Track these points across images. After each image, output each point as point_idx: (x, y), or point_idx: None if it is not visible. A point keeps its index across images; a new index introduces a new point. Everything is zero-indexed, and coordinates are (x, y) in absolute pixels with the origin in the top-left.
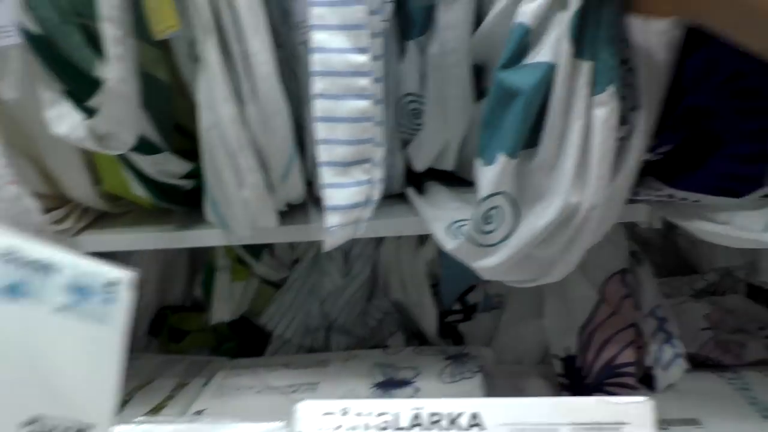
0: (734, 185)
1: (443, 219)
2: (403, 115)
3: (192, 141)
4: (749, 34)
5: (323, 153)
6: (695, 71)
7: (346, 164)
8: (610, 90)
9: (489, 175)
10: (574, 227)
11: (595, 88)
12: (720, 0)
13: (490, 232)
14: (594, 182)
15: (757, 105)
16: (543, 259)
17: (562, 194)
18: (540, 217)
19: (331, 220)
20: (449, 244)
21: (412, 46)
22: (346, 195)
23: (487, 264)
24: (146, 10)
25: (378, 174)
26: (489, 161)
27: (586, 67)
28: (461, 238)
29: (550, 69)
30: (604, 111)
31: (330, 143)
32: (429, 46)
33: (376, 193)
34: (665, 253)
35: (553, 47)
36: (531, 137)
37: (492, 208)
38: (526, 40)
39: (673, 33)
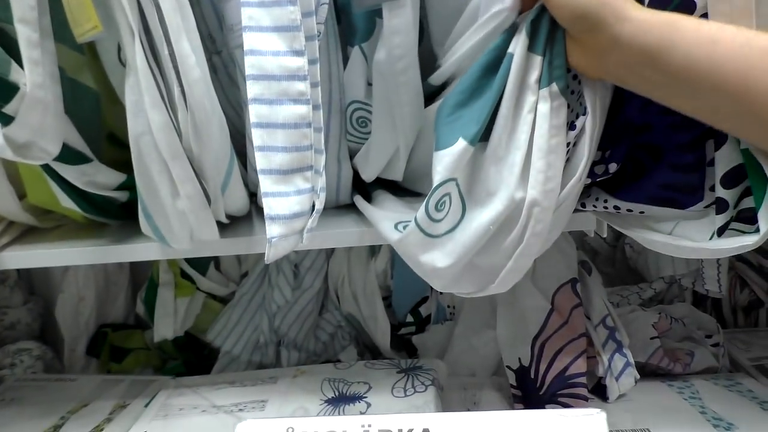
0: (677, 195)
1: (391, 218)
2: (349, 124)
3: (127, 151)
4: (668, 97)
5: (261, 161)
6: None
7: (286, 172)
8: (553, 87)
9: (446, 160)
10: (519, 228)
11: (541, 82)
12: (644, 71)
13: (440, 220)
14: (535, 176)
15: (684, 117)
16: (489, 267)
17: (509, 188)
18: (486, 212)
19: (272, 230)
20: (394, 236)
21: (356, 52)
22: (288, 204)
23: (431, 260)
24: (67, 12)
25: (320, 182)
26: (448, 144)
27: (537, 60)
28: (409, 227)
29: (510, 59)
30: (546, 106)
31: (268, 150)
32: (375, 52)
33: (320, 202)
34: (614, 263)
35: (516, 39)
36: (486, 130)
37: (444, 195)
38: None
39: None
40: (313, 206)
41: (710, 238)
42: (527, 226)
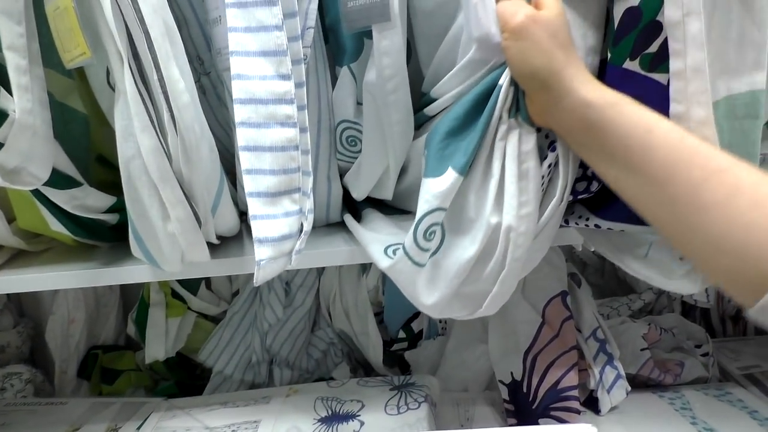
0: None
1: (380, 242)
2: (339, 143)
3: (116, 173)
4: (600, 167)
5: (249, 183)
6: None
7: (274, 194)
8: (519, 118)
9: (436, 189)
10: (499, 254)
11: (511, 111)
12: (582, 138)
13: (428, 250)
14: (508, 202)
15: None
16: (476, 293)
17: (485, 214)
18: (468, 240)
19: (261, 253)
20: (384, 262)
21: (344, 72)
22: (276, 226)
23: (420, 295)
24: (55, 38)
25: (308, 204)
26: (438, 173)
27: (511, 91)
28: (398, 255)
29: (499, 90)
30: (515, 133)
31: (256, 173)
32: (364, 72)
33: (308, 224)
34: (603, 274)
35: (507, 72)
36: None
37: (433, 225)
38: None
39: (591, 61)
40: (302, 228)
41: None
42: (507, 252)
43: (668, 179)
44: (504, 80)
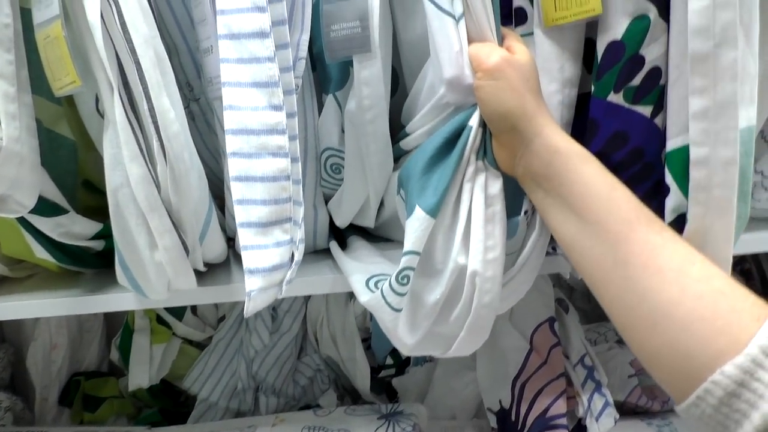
0: None
1: (363, 272)
2: (323, 170)
3: (102, 198)
4: (557, 219)
5: (241, 213)
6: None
7: (266, 224)
8: (486, 161)
9: (407, 231)
10: (464, 300)
11: (478, 153)
12: (545, 184)
13: (402, 294)
14: (475, 246)
15: (642, 168)
16: (447, 334)
17: (452, 257)
18: (435, 283)
19: (252, 283)
20: (363, 296)
21: (330, 100)
22: (267, 257)
23: (394, 333)
24: (45, 66)
25: (299, 233)
26: (410, 213)
27: (480, 133)
28: (377, 291)
29: (469, 132)
30: (482, 176)
31: (247, 203)
32: (347, 101)
33: (299, 253)
34: (590, 299)
35: (476, 113)
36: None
37: (406, 269)
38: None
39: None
40: (293, 257)
41: None
42: (473, 298)
43: (626, 237)
44: (474, 121)
